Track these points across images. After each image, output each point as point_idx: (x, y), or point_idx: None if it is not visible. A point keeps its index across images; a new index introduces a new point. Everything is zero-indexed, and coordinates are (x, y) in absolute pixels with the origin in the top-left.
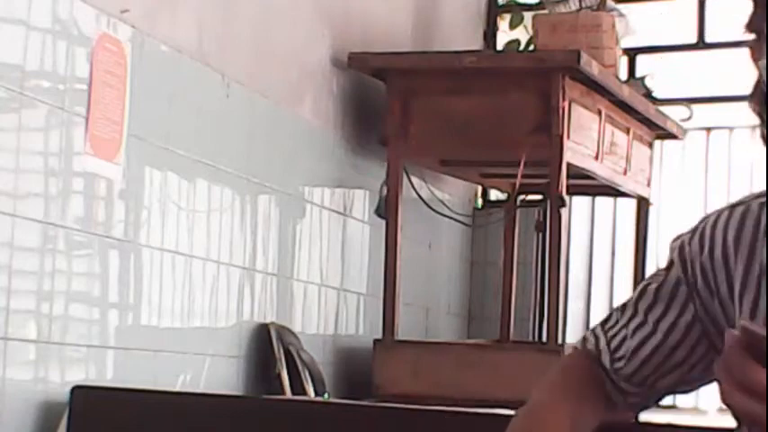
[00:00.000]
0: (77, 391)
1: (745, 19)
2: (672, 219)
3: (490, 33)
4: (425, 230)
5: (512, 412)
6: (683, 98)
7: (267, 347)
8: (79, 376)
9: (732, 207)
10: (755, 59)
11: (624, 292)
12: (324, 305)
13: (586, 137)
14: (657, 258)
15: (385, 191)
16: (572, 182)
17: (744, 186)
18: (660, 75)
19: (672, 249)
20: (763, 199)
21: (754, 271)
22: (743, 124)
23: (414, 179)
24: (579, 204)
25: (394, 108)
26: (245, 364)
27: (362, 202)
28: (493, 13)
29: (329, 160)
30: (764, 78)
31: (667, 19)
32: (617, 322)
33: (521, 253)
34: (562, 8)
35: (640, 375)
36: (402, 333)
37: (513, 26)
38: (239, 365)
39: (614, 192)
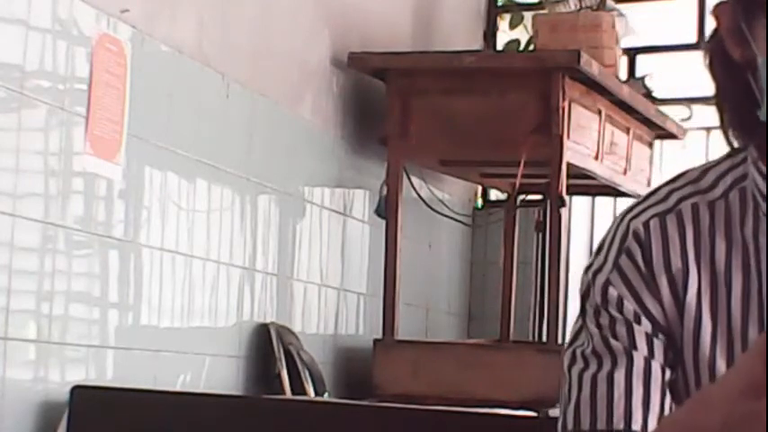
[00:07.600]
0: (77, 391)
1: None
2: None
3: (490, 33)
4: (425, 230)
5: (512, 412)
6: (683, 98)
7: (267, 347)
8: (79, 376)
9: (656, 215)
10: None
11: None
12: (324, 305)
13: (586, 137)
14: None
15: (385, 191)
16: (572, 182)
17: None
18: (660, 75)
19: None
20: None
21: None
22: None
23: (414, 179)
24: (579, 204)
25: (394, 108)
26: (245, 364)
27: (362, 202)
28: (493, 13)
29: (329, 160)
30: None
31: (667, 19)
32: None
33: (521, 253)
34: (562, 8)
35: None
36: (402, 333)
37: (513, 26)
38: (239, 365)
39: (614, 192)
